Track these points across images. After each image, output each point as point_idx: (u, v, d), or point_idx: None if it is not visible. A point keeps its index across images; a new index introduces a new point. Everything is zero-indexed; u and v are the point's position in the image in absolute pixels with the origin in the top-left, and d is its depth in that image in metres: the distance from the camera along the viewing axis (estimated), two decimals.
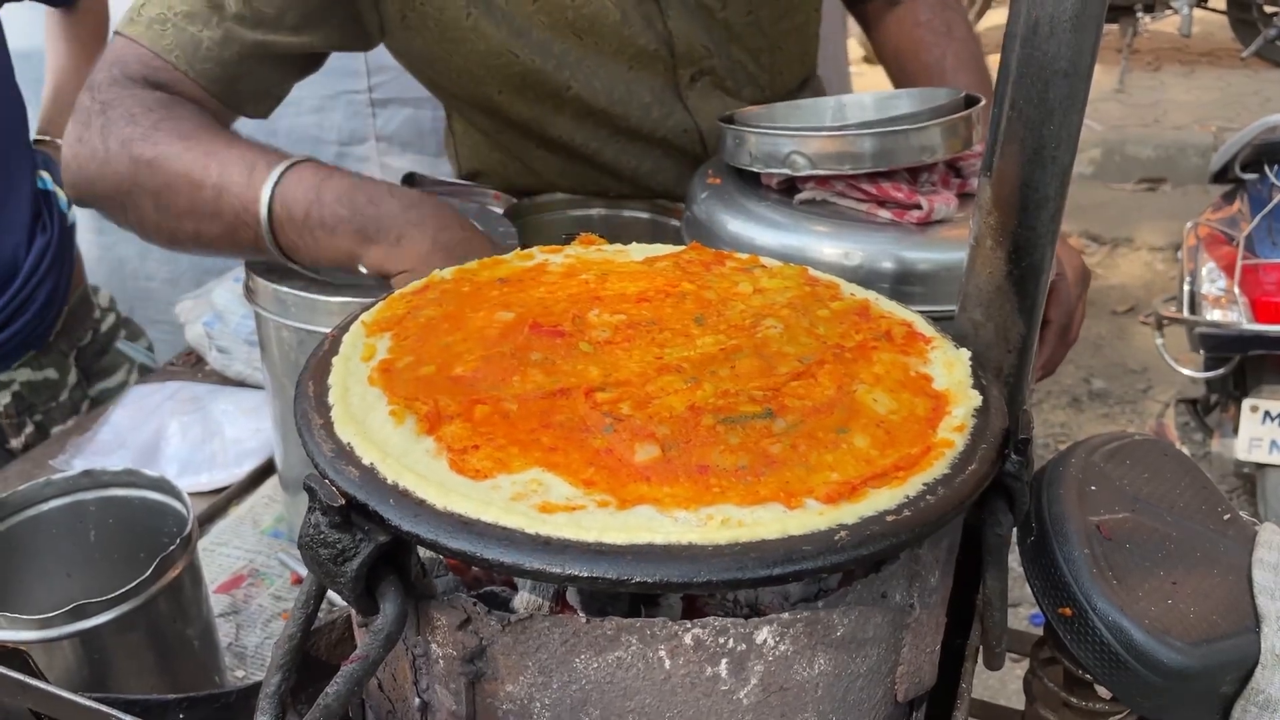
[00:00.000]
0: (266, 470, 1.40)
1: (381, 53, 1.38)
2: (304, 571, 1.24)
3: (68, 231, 1.61)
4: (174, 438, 1.43)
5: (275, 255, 1.04)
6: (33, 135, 1.65)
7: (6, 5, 1.53)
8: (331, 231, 0.98)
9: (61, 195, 1.59)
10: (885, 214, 1.09)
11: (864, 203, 1.11)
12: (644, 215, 1.51)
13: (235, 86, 1.18)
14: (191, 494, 1.02)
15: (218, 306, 1.65)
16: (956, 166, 1.19)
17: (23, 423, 1.53)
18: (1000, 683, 2.38)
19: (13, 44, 1.57)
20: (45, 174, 1.59)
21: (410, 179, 1.70)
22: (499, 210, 1.35)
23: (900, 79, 1.56)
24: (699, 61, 1.41)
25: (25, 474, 1.35)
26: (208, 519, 1.32)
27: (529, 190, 1.55)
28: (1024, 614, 2.70)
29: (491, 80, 1.34)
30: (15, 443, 1.52)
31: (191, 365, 1.66)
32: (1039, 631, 0.79)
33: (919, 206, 1.08)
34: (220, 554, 1.27)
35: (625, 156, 1.47)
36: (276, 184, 1.00)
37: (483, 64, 1.31)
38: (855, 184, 1.11)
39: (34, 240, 1.50)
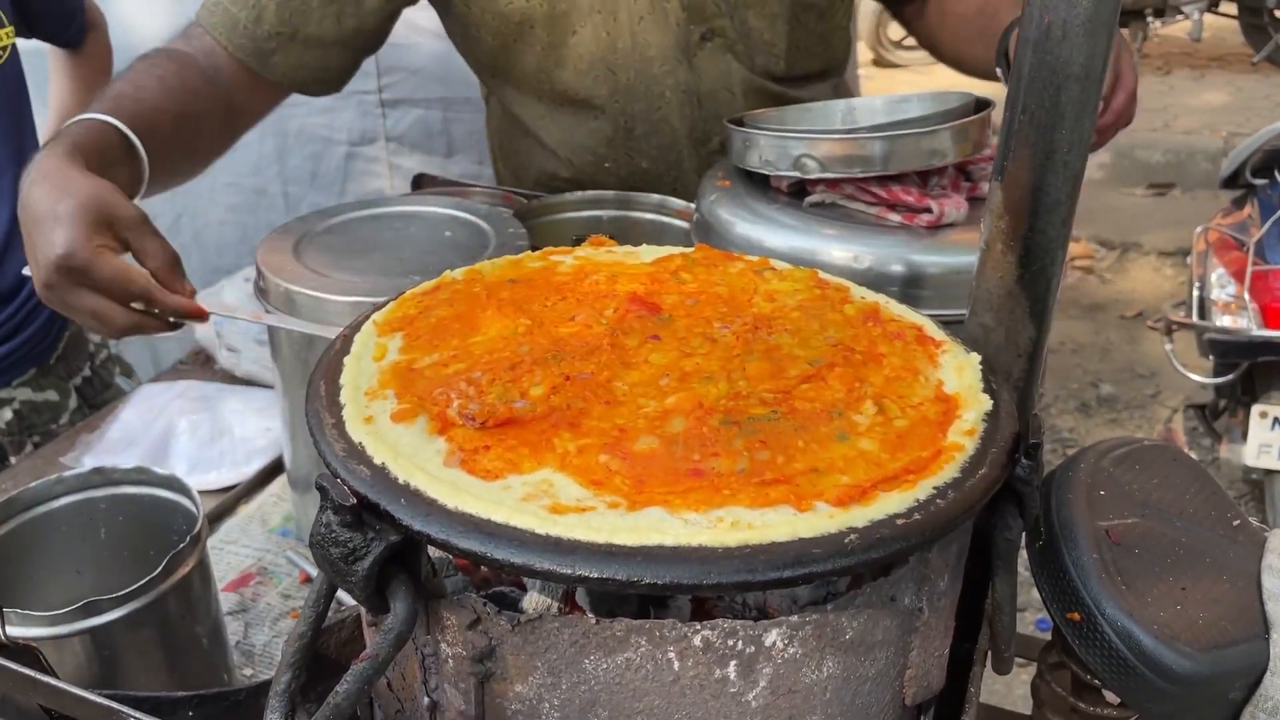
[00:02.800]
0: (275, 469, 1.40)
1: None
2: (312, 570, 1.25)
3: None
4: (183, 436, 1.44)
5: None
6: None
7: (18, 39, 1.57)
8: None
9: None
10: (895, 217, 1.09)
11: (874, 206, 1.11)
12: (652, 217, 1.51)
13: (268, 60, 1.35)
14: (200, 492, 1.02)
15: (228, 306, 1.65)
16: (966, 170, 1.19)
17: (22, 441, 1.60)
18: (1006, 688, 2.37)
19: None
20: None
21: (419, 180, 1.71)
22: (508, 211, 1.35)
23: (950, 40, 1.54)
24: (710, 20, 1.42)
25: (36, 471, 1.36)
26: (216, 517, 1.33)
27: (545, 180, 1.59)
28: (1030, 619, 2.69)
29: (506, 29, 1.43)
30: (15, 460, 1.59)
31: (201, 364, 1.66)
32: (1046, 637, 0.79)
33: (929, 210, 1.08)
34: (228, 552, 1.27)
35: (622, 117, 1.49)
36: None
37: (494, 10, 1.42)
38: (865, 187, 1.11)
39: None
